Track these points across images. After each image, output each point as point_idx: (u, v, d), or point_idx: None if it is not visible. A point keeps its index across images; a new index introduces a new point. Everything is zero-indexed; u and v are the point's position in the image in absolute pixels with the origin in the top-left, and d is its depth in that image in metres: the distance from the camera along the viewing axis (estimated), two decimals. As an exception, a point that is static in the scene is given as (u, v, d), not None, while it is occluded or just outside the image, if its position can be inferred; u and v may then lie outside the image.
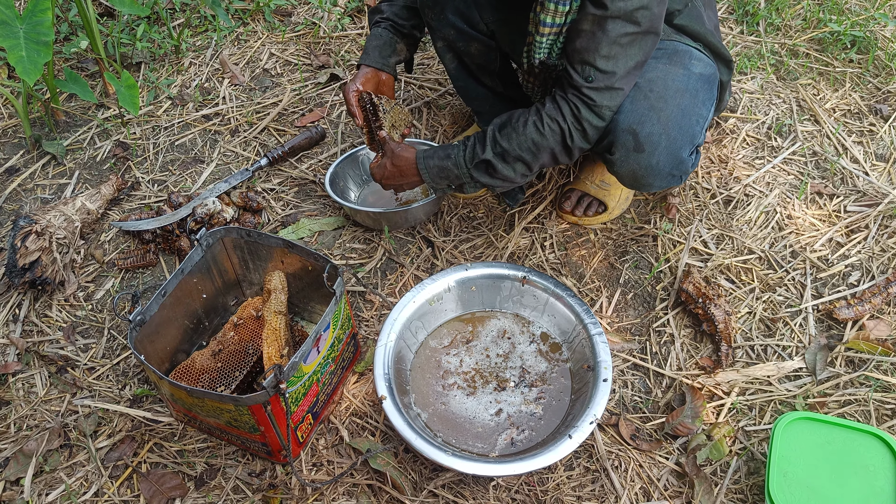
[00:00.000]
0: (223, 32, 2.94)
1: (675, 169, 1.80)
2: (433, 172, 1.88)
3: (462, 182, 1.87)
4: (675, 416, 1.78)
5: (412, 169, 1.91)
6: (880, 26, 2.75)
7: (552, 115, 1.71)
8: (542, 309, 1.94)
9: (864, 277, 2.04)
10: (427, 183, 1.92)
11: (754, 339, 1.94)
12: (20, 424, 1.87)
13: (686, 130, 1.75)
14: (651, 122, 1.72)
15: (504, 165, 1.78)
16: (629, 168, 1.79)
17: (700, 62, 1.81)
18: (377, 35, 2.04)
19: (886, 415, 1.78)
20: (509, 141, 1.76)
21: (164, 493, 1.72)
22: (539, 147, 1.74)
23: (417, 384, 1.86)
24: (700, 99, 1.78)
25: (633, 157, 1.76)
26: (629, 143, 1.74)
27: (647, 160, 1.75)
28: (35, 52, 2.13)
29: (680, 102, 1.74)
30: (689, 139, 1.77)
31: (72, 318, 2.07)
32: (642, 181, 1.82)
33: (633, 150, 1.74)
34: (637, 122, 1.72)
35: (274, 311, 1.77)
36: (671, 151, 1.75)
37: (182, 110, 2.66)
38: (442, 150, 1.87)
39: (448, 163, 1.85)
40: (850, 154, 2.35)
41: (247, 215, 2.25)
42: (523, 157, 1.76)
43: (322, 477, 1.74)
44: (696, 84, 1.78)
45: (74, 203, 2.23)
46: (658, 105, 1.72)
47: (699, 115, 1.78)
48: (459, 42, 2.00)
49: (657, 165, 1.76)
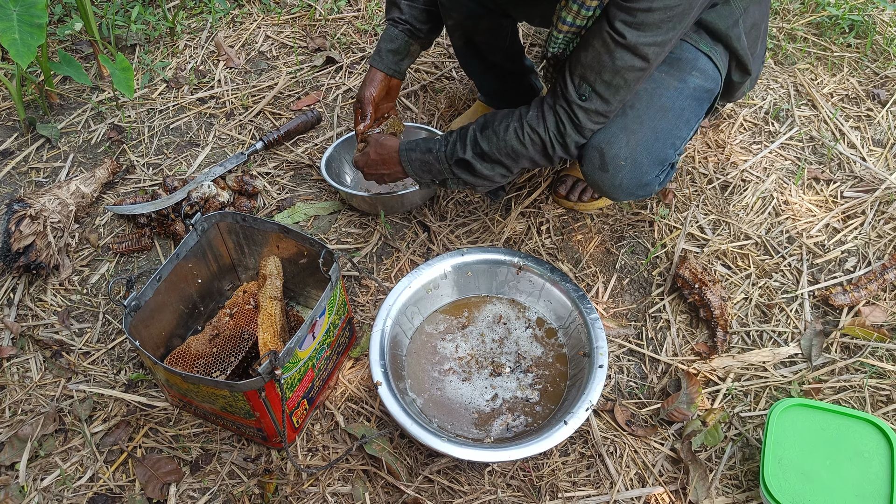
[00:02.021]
0: (218, 14, 2.92)
1: (640, 189, 1.79)
2: (415, 165, 1.86)
3: (444, 177, 1.85)
4: (670, 402, 1.78)
5: (394, 159, 1.89)
6: (878, 10, 2.74)
7: (533, 125, 1.68)
8: (538, 294, 1.94)
9: (861, 263, 2.04)
10: (410, 175, 1.89)
11: (750, 324, 1.94)
12: (15, 409, 1.86)
13: (655, 154, 1.73)
14: (619, 143, 1.70)
15: (483, 165, 1.77)
16: (594, 181, 1.79)
17: (701, 74, 1.76)
18: (393, 37, 1.98)
19: (881, 401, 1.79)
20: (489, 143, 1.74)
21: (160, 478, 1.72)
22: (518, 154, 1.73)
23: (413, 369, 1.86)
24: (684, 118, 1.75)
25: (598, 174, 1.76)
26: (595, 161, 1.74)
27: (610, 180, 1.75)
28: (28, 34, 2.11)
29: (657, 125, 1.72)
30: (656, 162, 1.75)
31: (66, 302, 2.07)
32: (608, 195, 1.83)
33: (598, 168, 1.74)
34: (605, 142, 1.71)
35: (269, 297, 1.77)
36: (635, 175, 1.74)
37: (177, 93, 2.65)
38: (424, 143, 1.85)
39: (429, 157, 1.83)
40: (848, 139, 2.35)
41: (242, 199, 2.24)
42: (502, 160, 1.75)
43: (317, 462, 1.74)
44: (685, 102, 1.74)
45: (69, 186, 2.22)
46: (632, 126, 1.70)
47: (677, 136, 1.76)
48: (469, 20, 1.98)
49: (620, 185, 1.76)
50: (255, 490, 1.70)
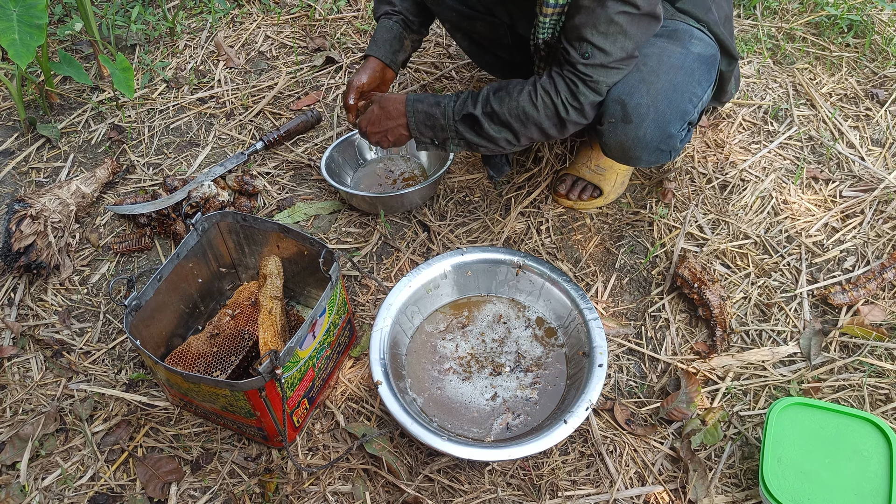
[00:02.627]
0: (218, 14, 2.92)
1: (663, 143, 1.78)
2: (420, 118, 1.86)
3: (446, 136, 1.85)
4: (669, 401, 1.79)
5: (400, 110, 1.88)
6: (877, 10, 2.74)
7: (546, 87, 1.71)
8: (538, 294, 1.94)
9: (860, 263, 2.05)
10: (412, 130, 1.89)
11: (749, 324, 1.94)
12: (16, 408, 1.87)
13: (676, 105, 1.74)
14: (640, 93, 1.71)
15: (490, 126, 1.78)
16: (617, 139, 1.78)
17: (700, 42, 1.80)
18: (388, 27, 2.02)
19: (880, 400, 1.79)
20: (500, 104, 1.75)
21: (160, 477, 1.73)
22: (528, 118, 1.73)
23: (413, 369, 1.86)
24: (695, 78, 1.77)
25: (620, 127, 1.75)
26: (617, 114, 1.73)
27: (634, 131, 1.75)
28: (28, 34, 2.11)
29: (673, 78, 1.73)
30: (678, 114, 1.76)
31: (67, 302, 2.07)
32: (630, 153, 1.81)
33: (621, 120, 1.74)
34: (626, 93, 1.71)
35: (270, 296, 1.77)
36: (659, 124, 1.74)
37: (177, 93, 2.65)
38: (433, 97, 1.86)
39: (436, 110, 1.83)
40: (846, 139, 2.35)
41: (242, 199, 2.25)
42: (511, 123, 1.75)
43: (318, 461, 1.75)
44: (693, 63, 1.77)
45: (69, 186, 2.22)
46: (649, 78, 1.72)
47: (692, 92, 1.77)
48: (464, 22, 2.00)
49: (644, 137, 1.76)
50: (256, 489, 1.70)
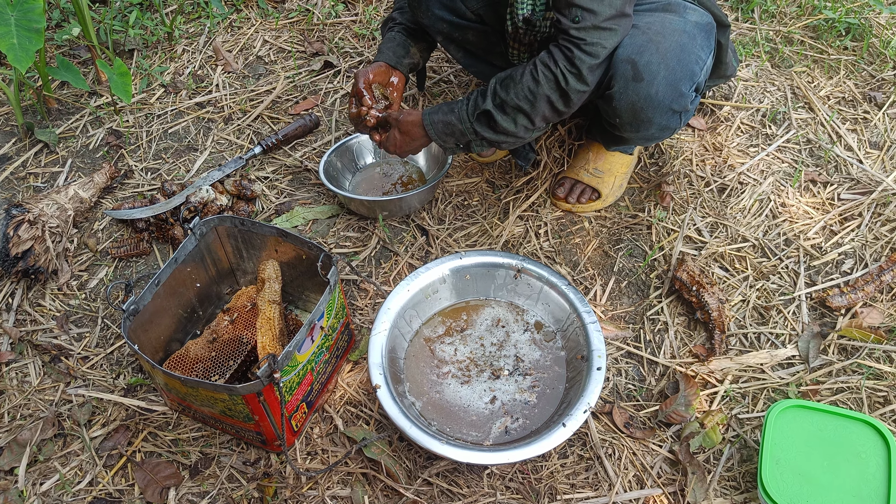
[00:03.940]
0: (216, 19, 2.93)
1: (675, 103, 1.78)
2: (438, 128, 1.88)
3: (468, 139, 1.86)
4: (668, 404, 1.78)
5: (419, 129, 1.91)
6: (875, 13, 2.75)
7: (545, 61, 1.71)
8: (537, 297, 1.94)
9: (858, 265, 2.05)
10: (435, 141, 1.91)
11: (748, 326, 1.94)
12: (14, 414, 1.86)
13: (685, 64, 1.76)
14: (650, 51, 1.72)
15: (504, 117, 1.78)
16: (628, 100, 1.78)
17: (695, 12, 1.82)
18: (391, 38, 2.05)
19: (878, 402, 1.79)
20: (507, 91, 1.75)
21: (159, 482, 1.73)
22: (535, 95, 1.74)
23: (412, 373, 1.86)
24: (698, 42, 1.79)
25: (632, 86, 1.75)
26: (628, 73, 1.74)
27: (646, 90, 1.75)
28: (26, 39, 2.11)
29: (679, 39, 1.75)
30: (688, 74, 1.77)
31: (65, 307, 2.07)
32: (642, 115, 1.81)
33: (632, 79, 1.74)
34: (636, 52, 1.72)
35: (268, 301, 1.77)
36: (670, 82, 1.75)
37: (175, 98, 2.65)
38: (447, 106, 1.87)
39: (452, 117, 1.85)
40: (844, 142, 2.35)
41: (240, 203, 2.25)
42: (521, 106, 1.75)
43: (317, 466, 1.75)
44: (694, 29, 1.78)
45: (67, 191, 2.22)
46: (656, 39, 1.73)
47: (697, 55, 1.78)
48: (455, 33, 2.01)
49: (656, 96, 1.76)
50: (255, 494, 1.70)
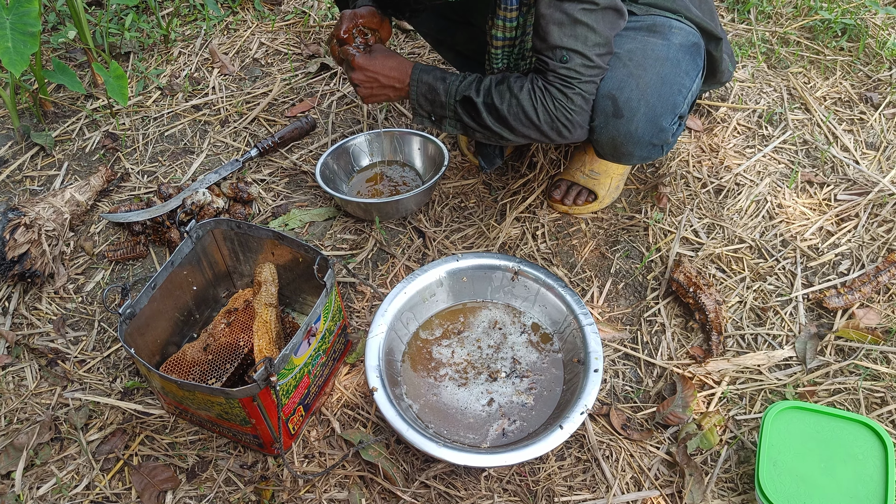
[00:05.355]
0: (212, 21, 2.93)
1: (655, 137, 1.79)
2: (422, 89, 1.85)
3: (444, 115, 1.85)
4: (665, 406, 1.78)
5: (405, 72, 1.87)
6: (871, 14, 2.75)
7: (543, 96, 1.71)
8: (534, 299, 1.94)
9: (854, 266, 2.05)
10: (410, 100, 1.88)
11: (745, 328, 1.94)
12: (10, 418, 1.86)
13: (666, 98, 1.75)
14: (629, 87, 1.71)
15: (488, 117, 1.78)
16: (609, 135, 1.78)
17: (680, 32, 1.79)
18: None
19: (875, 403, 1.79)
20: (501, 99, 1.75)
21: (156, 486, 1.72)
22: (528, 118, 1.74)
23: (409, 375, 1.86)
24: (682, 68, 1.77)
25: (612, 122, 1.75)
26: (608, 109, 1.73)
27: (626, 126, 1.75)
28: (21, 42, 2.11)
29: (660, 71, 1.73)
30: (669, 107, 1.76)
31: (62, 310, 2.07)
32: (622, 149, 1.81)
33: (613, 115, 1.74)
34: (616, 88, 1.72)
35: (264, 304, 1.77)
36: (650, 118, 1.74)
37: (171, 101, 2.65)
38: (439, 72, 1.86)
39: (440, 85, 1.83)
40: (841, 142, 2.36)
41: (237, 206, 2.24)
42: (508, 120, 1.75)
43: (314, 469, 1.74)
44: (677, 54, 1.76)
45: (63, 195, 2.22)
46: (637, 72, 1.72)
47: (681, 84, 1.77)
48: (444, 34, 2.00)
49: (636, 132, 1.76)
50: (252, 497, 1.70)
